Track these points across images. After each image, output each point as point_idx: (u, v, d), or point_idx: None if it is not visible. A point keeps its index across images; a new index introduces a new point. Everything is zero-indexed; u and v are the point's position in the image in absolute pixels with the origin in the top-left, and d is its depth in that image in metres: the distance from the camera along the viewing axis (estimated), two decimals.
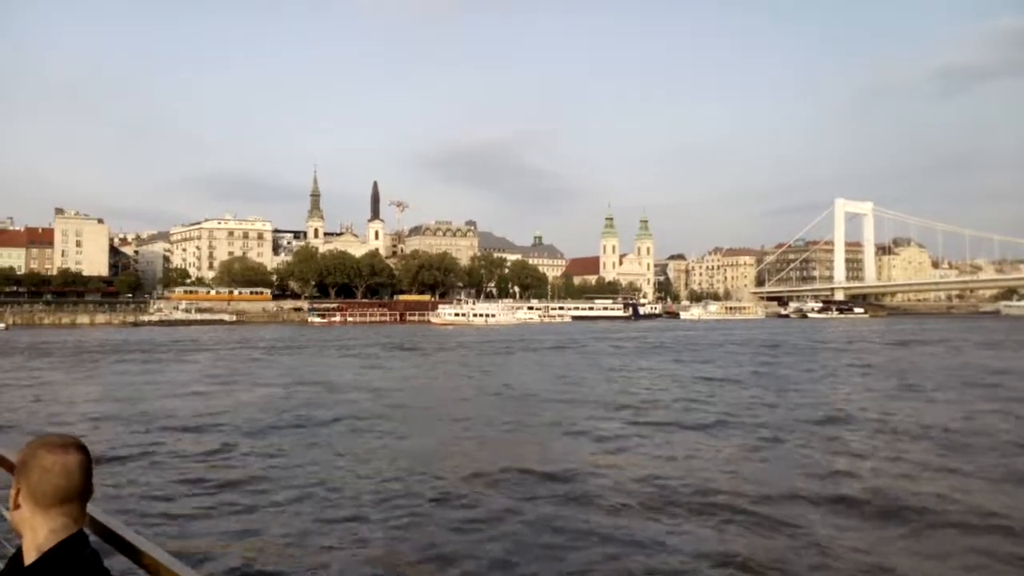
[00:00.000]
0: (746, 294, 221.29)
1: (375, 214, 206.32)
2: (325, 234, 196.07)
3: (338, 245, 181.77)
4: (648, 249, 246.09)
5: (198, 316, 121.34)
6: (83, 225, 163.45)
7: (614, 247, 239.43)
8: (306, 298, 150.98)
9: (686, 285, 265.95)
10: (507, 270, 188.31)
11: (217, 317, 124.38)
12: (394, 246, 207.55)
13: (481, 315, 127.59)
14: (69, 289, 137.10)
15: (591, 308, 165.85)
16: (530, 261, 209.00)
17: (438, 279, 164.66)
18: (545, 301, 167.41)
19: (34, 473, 1.74)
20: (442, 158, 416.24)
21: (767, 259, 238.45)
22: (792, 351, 52.88)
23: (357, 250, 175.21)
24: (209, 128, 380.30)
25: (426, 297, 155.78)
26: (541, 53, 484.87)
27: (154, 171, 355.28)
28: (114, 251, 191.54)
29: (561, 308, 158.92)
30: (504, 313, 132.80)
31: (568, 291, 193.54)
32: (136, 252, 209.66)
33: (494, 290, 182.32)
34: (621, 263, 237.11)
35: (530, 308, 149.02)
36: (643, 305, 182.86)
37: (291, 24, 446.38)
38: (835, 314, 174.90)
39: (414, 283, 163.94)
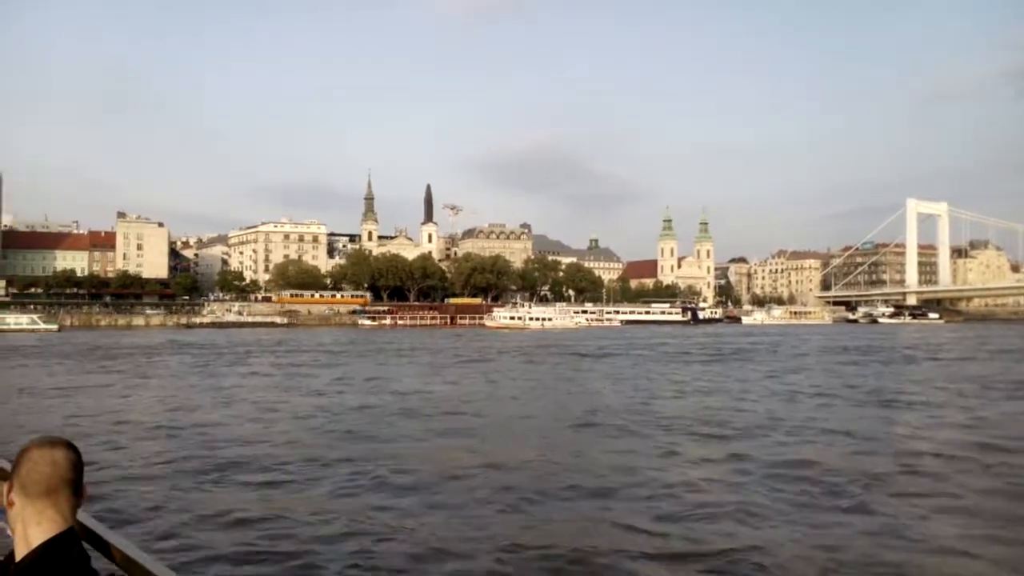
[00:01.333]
0: (811, 298, 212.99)
1: (428, 217, 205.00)
2: (379, 237, 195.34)
3: (391, 248, 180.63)
4: (708, 252, 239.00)
5: (249, 319, 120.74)
6: (144, 228, 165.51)
7: (672, 250, 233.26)
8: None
9: (748, 289, 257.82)
10: (561, 273, 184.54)
11: (268, 320, 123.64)
12: (447, 249, 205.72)
13: (537, 319, 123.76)
14: (128, 291, 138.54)
15: (647, 312, 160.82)
16: (585, 264, 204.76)
17: (490, 282, 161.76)
18: (600, 305, 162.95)
19: (23, 465, 1.80)
20: (497, 161, 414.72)
21: (833, 262, 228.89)
22: (886, 359, 47.42)
23: (410, 253, 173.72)
24: (267, 135, 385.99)
25: (477, 300, 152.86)
26: (597, 53, 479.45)
27: (217, 177, 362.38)
28: (174, 254, 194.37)
29: (616, 312, 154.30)
30: (561, 317, 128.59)
31: (624, 295, 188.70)
32: (196, 255, 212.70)
33: (548, 294, 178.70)
34: (680, 266, 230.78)
35: (584, 312, 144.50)
36: (702, 309, 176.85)
37: (344, 30, 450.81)
38: (908, 319, 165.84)
39: (466, 286, 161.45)
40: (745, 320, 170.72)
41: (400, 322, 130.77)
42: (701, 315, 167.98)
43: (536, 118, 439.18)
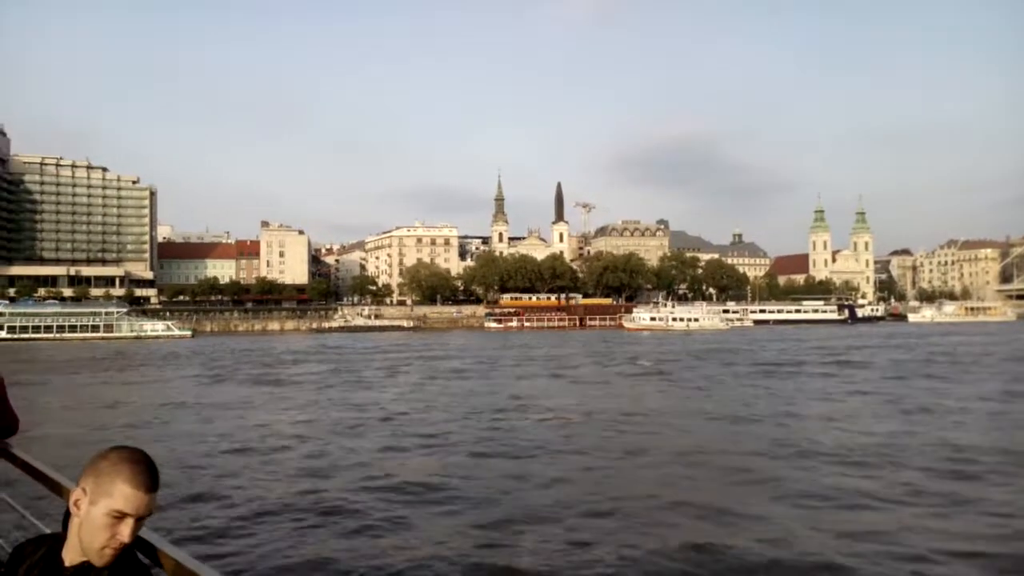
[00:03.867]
0: (989, 292, 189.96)
1: (559, 216, 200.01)
2: (510, 239, 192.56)
3: (521, 249, 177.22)
4: (866, 244, 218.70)
5: (377, 323, 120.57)
6: (285, 236, 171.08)
7: (825, 243, 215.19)
8: (487, 303, 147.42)
9: (913, 283, 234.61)
10: (701, 270, 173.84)
11: (396, 323, 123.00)
12: (580, 248, 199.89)
13: (681, 319, 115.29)
14: (267, 297, 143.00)
15: (798, 310, 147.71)
16: (728, 260, 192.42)
17: (624, 281, 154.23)
18: (745, 303, 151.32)
19: (104, 473, 1.76)
20: (630, 158, 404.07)
21: (1014, 251, 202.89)
22: None
23: (540, 253, 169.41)
24: (404, 141, 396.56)
25: (608, 300, 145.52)
26: (739, 42, 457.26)
27: (360, 185, 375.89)
28: (315, 260, 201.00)
29: (762, 311, 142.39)
30: (708, 317, 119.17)
31: (771, 292, 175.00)
32: (337, 261, 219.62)
33: (687, 292, 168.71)
34: (834, 260, 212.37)
35: (725, 311, 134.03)
36: (860, 306, 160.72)
37: (474, 35, 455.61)
38: None
39: (598, 286, 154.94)
40: (912, 318, 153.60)
41: (527, 324, 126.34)
42: (860, 313, 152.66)
43: (674, 113, 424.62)
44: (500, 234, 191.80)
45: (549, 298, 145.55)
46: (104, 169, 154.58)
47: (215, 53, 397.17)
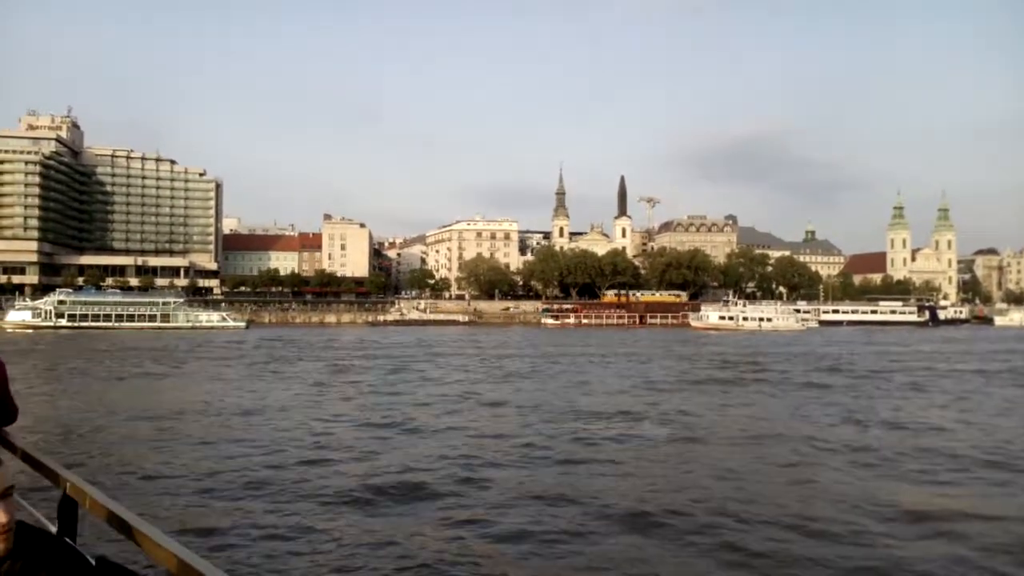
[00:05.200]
0: None
1: (622, 211, 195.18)
2: (571, 233, 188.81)
3: (582, 244, 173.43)
4: (949, 242, 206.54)
5: (431, 316, 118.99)
6: (347, 229, 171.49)
7: (904, 241, 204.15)
8: (546, 299, 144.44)
9: (999, 285, 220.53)
10: (770, 268, 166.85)
11: (451, 318, 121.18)
12: (643, 244, 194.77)
13: (753, 318, 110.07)
14: (327, 289, 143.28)
15: (874, 311, 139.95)
16: (800, 258, 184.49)
17: (688, 278, 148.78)
18: (816, 303, 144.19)
19: None
20: (698, 152, 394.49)
21: None
22: None
23: (602, 248, 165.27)
24: (469, 136, 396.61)
25: (670, 298, 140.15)
26: (803, 37, 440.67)
27: (423, 179, 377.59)
28: (377, 254, 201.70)
29: (835, 311, 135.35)
30: (782, 316, 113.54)
31: (846, 291, 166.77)
32: (399, 255, 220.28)
33: (756, 291, 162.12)
34: (914, 259, 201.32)
35: (797, 311, 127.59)
36: (942, 308, 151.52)
37: (539, 31, 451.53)
38: None
39: (661, 283, 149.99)
40: (998, 321, 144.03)
41: (585, 321, 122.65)
42: (942, 315, 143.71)
43: (744, 107, 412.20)
44: (561, 229, 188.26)
45: (607, 294, 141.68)
46: (172, 161, 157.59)
47: (286, 50, 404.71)
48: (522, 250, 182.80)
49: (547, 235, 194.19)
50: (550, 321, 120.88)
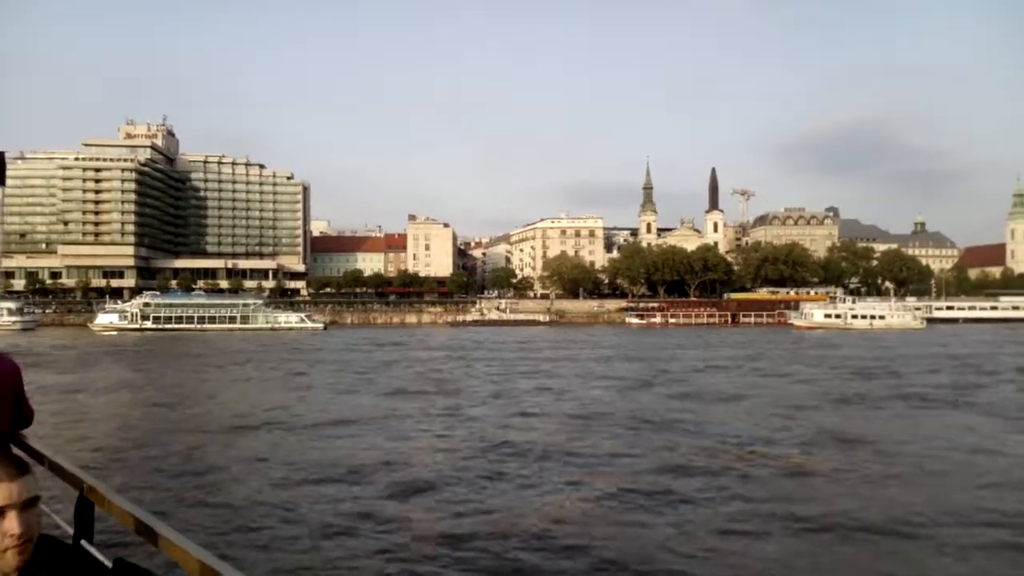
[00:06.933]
0: None
1: (713, 205, 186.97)
2: (659, 229, 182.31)
3: (671, 239, 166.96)
4: None
5: (511, 316, 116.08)
6: (431, 229, 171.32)
7: None
8: (632, 297, 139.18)
9: None
10: (875, 262, 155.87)
11: (532, 317, 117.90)
12: (737, 239, 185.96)
13: (863, 316, 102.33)
14: (409, 290, 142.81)
15: (994, 307, 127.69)
16: (908, 251, 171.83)
17: (785, 274, 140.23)
18: (927, 298, 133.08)
19: None
20: (796, 143, 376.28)
21: None
22: None
23: (692, 244, 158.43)
24: (555, 134, 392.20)
25: (765, 295, 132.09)
26: (913, 23, 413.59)
27: (509, 178, 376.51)
28: (462, 254, 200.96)
29: (948, 307, 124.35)
30: (897, 313, 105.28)
31: (960, 286, 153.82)
32: (484, 254, 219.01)
33: (860, 287, 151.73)
34: None
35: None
36: None
37: (622, 23, 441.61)
38: None
39: (756, 279, 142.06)
40: None
41: (672, 320, 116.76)
42: None
43: (846, 95, 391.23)
44: (648, 224, 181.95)
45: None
46: (261, 166, 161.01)
47: (368, 54, 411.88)
48: (608, 247, 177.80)
49: (634, 232, 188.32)
50: (635, 320, 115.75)
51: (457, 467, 15.49)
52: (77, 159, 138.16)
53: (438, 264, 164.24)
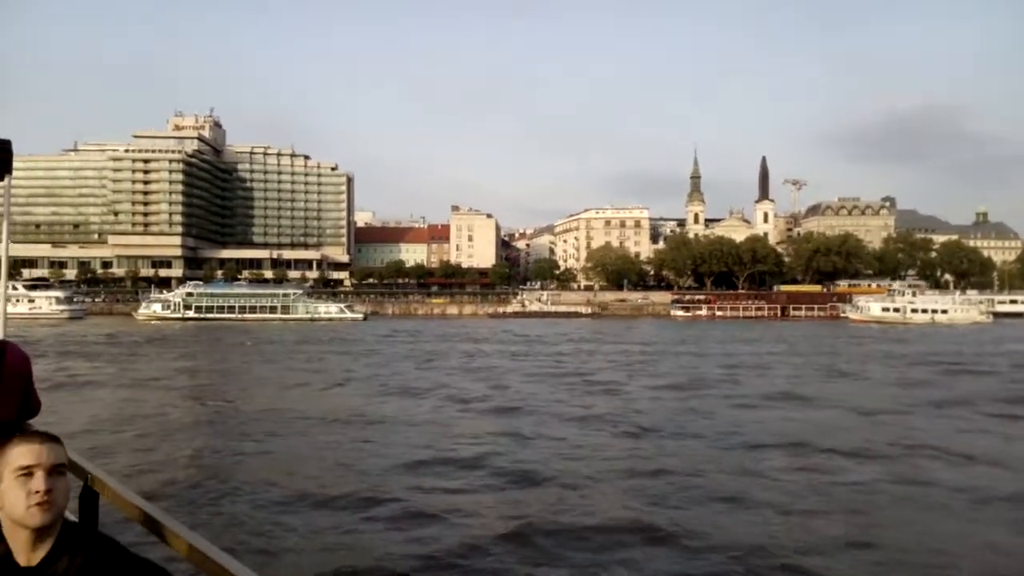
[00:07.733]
0: None
1: (763, 194, 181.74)
2: (707, 220, 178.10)
3: (719, 230, 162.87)
4: None
5: (553, 308, 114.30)
6: (474, 220, 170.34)
7: None
8: (678, 289, 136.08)
9: None
10: (934, 253, 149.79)
11: (574, 309, 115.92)
12: (788, 230, 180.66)
13: (924, 310, 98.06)
14: (451, 281, 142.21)
15: None
16: (969, 242, 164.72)
17: (838, 265, 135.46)
18: (989, 292, 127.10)
19: (2, 452, 1.78)
20: (850, 131, 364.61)
21: None
22: None
23: (740, 235, 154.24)
24: (601, 124, 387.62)
25: (817, 288, 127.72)
26: (972, 7, 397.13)
27: (554, 169, 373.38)
28: (506, 244, 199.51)
29: (1013, 301, 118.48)
30: (961, 307, 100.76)
31: None
32: (528, 245, 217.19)
33: (918, 279, 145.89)
34: None
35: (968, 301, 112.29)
36: None
37: (668, 8, 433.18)
38: None
39: (807, 271, 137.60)
40: None
41: (719, 313, 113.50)
42: None
43: (903, 81, 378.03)
44: (696, 215, 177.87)
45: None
46: (306, 157, 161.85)
47: (414, 44, 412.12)
48: (654, 238, 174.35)
49: (681, 222, 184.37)
50: (680, 313, 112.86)
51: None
52: (127, 151, 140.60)
53: (481, 255, 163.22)
